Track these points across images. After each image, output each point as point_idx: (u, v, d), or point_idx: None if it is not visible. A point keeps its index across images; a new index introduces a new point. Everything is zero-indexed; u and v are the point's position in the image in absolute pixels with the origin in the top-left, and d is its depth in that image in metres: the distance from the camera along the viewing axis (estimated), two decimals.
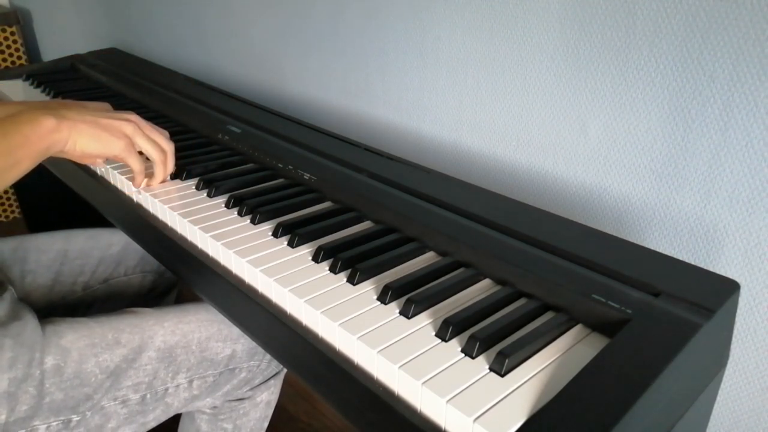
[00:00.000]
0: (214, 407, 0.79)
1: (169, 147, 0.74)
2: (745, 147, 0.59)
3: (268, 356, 0.77)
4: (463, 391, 0.41)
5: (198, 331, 0.71)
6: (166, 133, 0.76)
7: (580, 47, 0.69)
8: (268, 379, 0.81)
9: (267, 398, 0.83)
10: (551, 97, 0.73)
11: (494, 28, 0.76)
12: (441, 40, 0.83)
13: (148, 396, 0.68)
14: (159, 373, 0.68)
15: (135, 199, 0.75)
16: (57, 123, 0.61)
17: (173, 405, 0.72)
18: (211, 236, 0.62)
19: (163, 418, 0.73)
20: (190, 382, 0.71)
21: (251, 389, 0.79)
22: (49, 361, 0.62)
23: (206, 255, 0.63)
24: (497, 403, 0.40)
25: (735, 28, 0.57)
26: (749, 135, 0.59)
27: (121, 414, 0.67)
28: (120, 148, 0.67)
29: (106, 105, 0.83)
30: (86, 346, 0.64)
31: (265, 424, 0.86)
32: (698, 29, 0.59)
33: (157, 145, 0.72)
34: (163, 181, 0.75)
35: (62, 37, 1.95)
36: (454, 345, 0.46)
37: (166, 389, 0.70)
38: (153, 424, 0.72)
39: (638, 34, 0.63)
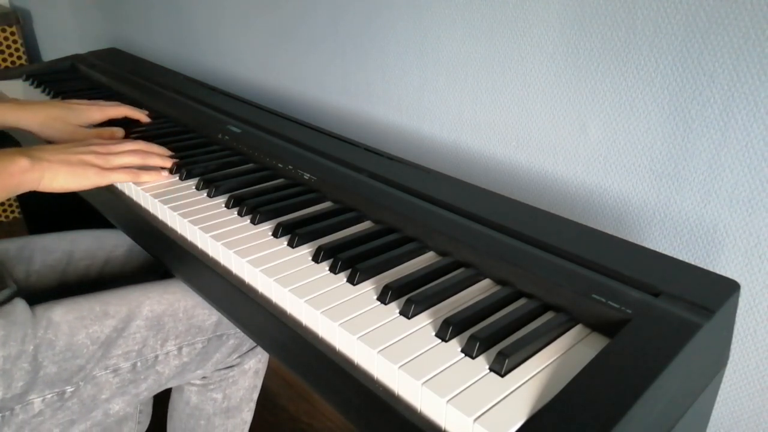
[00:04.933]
0: (204, 378, 0.81)
1: (139, 146, 0.77)
2: (745, 147, 0.59)
3: None
4: (463, 391, 0.41)
5: (183, 299, 0.73)
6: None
7: (580, 47, 0.69)
8: (256, 346, 0.82)
9: (255, 366, 0.84)
10: (551, 97, 0.73)
11: (494, 28, 0.76)
12: (441, 40, 0.83)
13: (139, 364, 0.70)
14: (148, 341, 0.70)
15: (135, 199, 0.75)
16: (31, 164, 0.65)
17: (164, 374, 0.73)
18: (211, 236, 0.62)
19: (156, 388, 0.74)
20: (180, 349, 0.73)
21: (239, 356, 0.81)
22: (42, 336, 0.63)
23: (206, 255, 0.63)
24: (497, 403, 0.40)
25: (735, 28, 0.57)
26: (749, 135, 0.59)
27: (113, 383, 0.68)
28: (94, 178, 0.71)
29: (110, 103, 0.85)
30: (75, 318, 0.66)
31: (255, 395, 0.87)
32: (698, 29, 0.59)
33: (129, 153, 0.75)
34: (167, 166, 0.78)
35: (62, 37, 1.95)
36: (454, 345, 0.46)
37: (156, 357, 0.71)
38: (146, 395, 0.73)
39: (638, 34, 0.63)
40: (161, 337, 0.71)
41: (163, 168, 0.78)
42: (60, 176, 0.68)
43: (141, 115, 0.96)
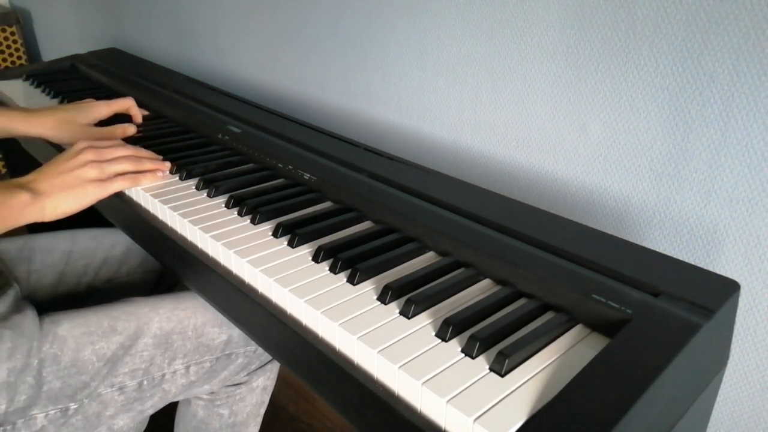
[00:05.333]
0: (211, 393, 0.80)
1: (131, 151, 0.76)
2: (745, 147, 0.59)
3: None
4: (463, 391, 0.41)
5: (194, 317, 0.72)
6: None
7: (580, 47, 0.69)
8: (265, 363, 0.81)
9: (263, 383, 0.83)
10: (551, 97, 0.73)
11: (494, 28, 0.76)
12: (441, 40, 0.83)
13: (145, 383, 0.69)
14: (155, 359, 0.69)
15: (134, 199, 0.75)
16: (31, 198, 0.65)
17: (171, 392, 0.72)
18: (211, 236, 0.62)
19: (161, 405, 0.73)
20: (187, 368, 0.72)
21: (248, 374, 0.80)
22: (47, 350, 0.63)
23: (206, 255, 0.63)
24: (497, 403, 0.40)
25: (735, 28, 0.57)
26: (749, 135, 0.59)
27: (118, 401, 0.68)
28: (95, 193, 0.70)
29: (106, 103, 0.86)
30: (82, 334, 0.65)
31: (262, 411, 0.87)
32: (698, 29, 0.59)
33: (123, 159, 0.74)
34: (163, 170, 0.78)
35: (62, 37, 1.95)
36: (454, 345, 0.46)
37: (163, 375, 0.70)
38: (151, 412, 0.72)
39: (638, 34, 0.63)
40: (169, 355, 0.70)
41: (158, 169, 0.77)
42: (62, 203, 0.67)
43: (138, 113, 0.97)
